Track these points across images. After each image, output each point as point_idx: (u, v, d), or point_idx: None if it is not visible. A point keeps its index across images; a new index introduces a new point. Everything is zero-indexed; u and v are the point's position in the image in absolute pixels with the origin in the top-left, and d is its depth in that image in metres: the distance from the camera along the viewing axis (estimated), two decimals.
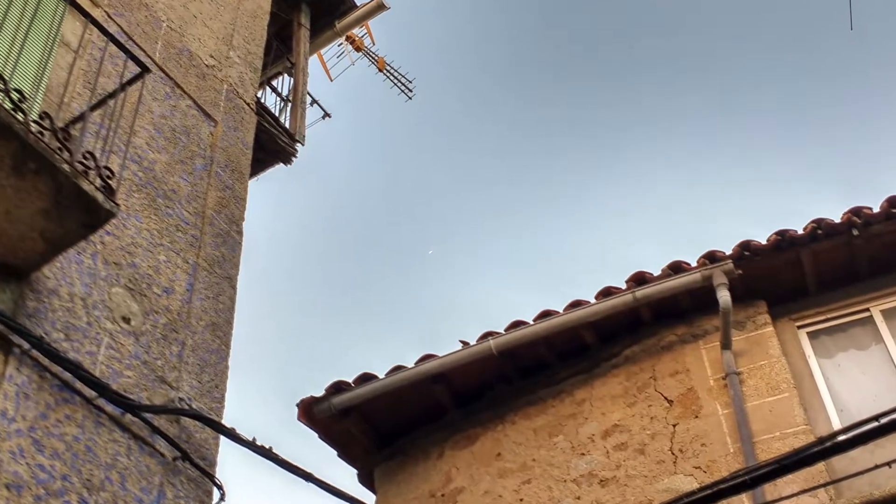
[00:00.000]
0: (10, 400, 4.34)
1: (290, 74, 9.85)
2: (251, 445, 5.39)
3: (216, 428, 5.45)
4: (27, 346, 4.51)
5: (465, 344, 8.44)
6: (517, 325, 8.35)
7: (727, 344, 7.73)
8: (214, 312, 6.03)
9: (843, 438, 5.20)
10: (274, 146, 8.58)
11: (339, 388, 8.62)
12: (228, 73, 7.45)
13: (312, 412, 8.64)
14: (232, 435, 5.40)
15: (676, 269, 8.05)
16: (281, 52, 9.82)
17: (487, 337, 8.35)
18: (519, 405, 8.50)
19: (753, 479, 5.40)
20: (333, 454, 9.15)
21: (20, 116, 4.38)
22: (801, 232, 7.80)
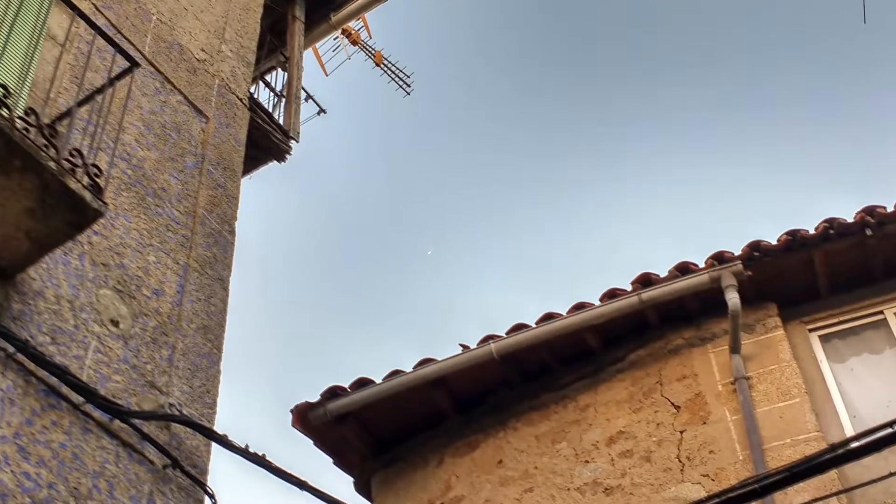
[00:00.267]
0: None
1: (284, 69, 9.78)
2: (244, 452, 5.34)
3: (208, 434, 5.41)
4: (12, 349, 4.46)
5: (465, 348, 8.43)
6: (519, 328, 8.32)
7: (736, 348, 7.68)
8: (206, 315, 5.97)
9: (856, 445, 5.21)
10: (267, 143, 8.48)
11: (334, 393, 8.58)
12: (220, 67, 7.38)
13: (307, 418, 8.60)
14: (224, 442, 5.36)
15: (683, 270, 7.99)
16: (274, 45, 9.75)
17: (488, 340, 8.32)
18: (521, 411, 8.46)
19: (763, 487, 5.37)
20: (329, 462, 9.14)
21: (5, 112, 4.34)
22: (812, 232, 7.75)
